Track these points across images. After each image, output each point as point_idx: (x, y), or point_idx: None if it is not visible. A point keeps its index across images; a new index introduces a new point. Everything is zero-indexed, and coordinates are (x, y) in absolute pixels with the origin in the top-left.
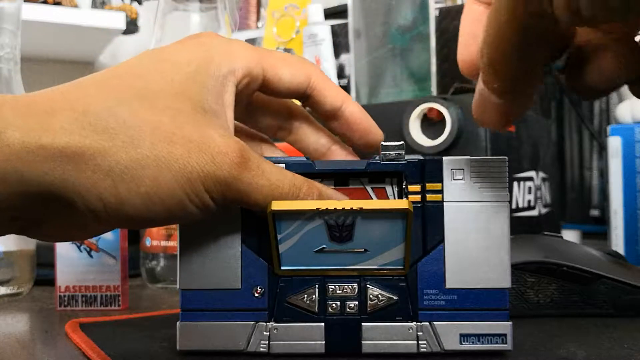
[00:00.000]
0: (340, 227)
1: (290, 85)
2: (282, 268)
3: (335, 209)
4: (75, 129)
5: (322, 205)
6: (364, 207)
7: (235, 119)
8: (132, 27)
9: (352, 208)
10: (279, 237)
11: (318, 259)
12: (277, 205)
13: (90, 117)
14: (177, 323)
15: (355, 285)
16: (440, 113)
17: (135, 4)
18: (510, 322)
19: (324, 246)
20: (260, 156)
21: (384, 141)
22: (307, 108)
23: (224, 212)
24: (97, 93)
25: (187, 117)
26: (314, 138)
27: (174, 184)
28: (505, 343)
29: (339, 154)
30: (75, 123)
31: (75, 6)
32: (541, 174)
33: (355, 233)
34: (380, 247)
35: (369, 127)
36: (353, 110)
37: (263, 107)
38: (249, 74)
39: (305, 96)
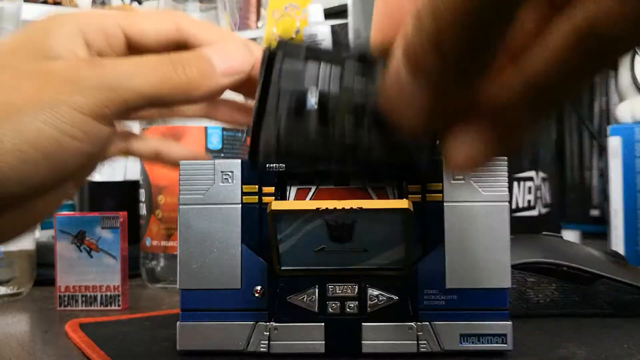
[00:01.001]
0: (340, 227)
1: (158, 37)
2: (282, 268)
3: (335, 208)
4: None
5: (322, 205)
6: (364, 207)
7: None
8: None
9: (352, 208)
10: (279, 237)
11: (318, 259)
12: (277, 206)
13: None
14: (177, 323)
15: (355, 285)
16: None
17: (135, 4)
18: (510, 322)
19: (324, 246)
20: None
21: None
22: None
23: (223, 212)
24: None
25: (26, 61)
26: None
27: (38, 125)
28: (505, 343)
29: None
30: None
31: (75, 6)
32: (541, 174)
33: (355, 233)
34: (380, 247)
35: (260, 56)
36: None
37: None
38: (103, 33)
39: (182, 45)
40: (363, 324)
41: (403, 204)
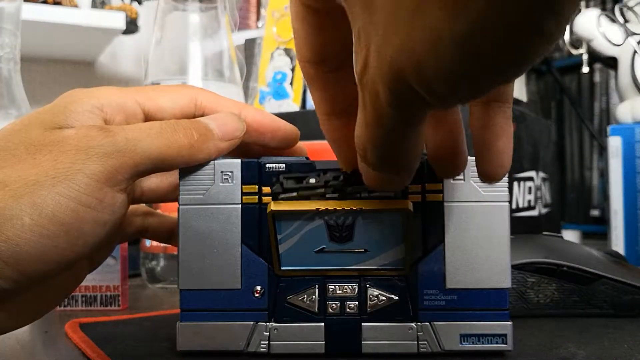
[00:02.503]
0: (340, 227)
1: (175, 112)
2: (282, 268)
3: (335, 209)
4: None
5: (322, 205)
6: (364, 207)
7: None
8: (132, 27)
9: (352, 208)
10: (279, 237)
11: (318, 259)
12: (277, 206)
13: None
14: (177, 323)
15: (355, 285)
16: None
17: (135, 4)
18: (510, 322)
19: (324, 246)
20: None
21: None
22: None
23: (223, 212)
24: None
25: (41, 136)
26: None
27: (54, 196)
28: (506, 343)
29: None
30: None
31: (75, 6)
32: (541, 174)
33: (355, 233)
34: (381, 247)
35: (276, 126)
36: (254, 115)
37: None
38: (122, 110)
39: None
40: (363, 324)
41: (403, 204)
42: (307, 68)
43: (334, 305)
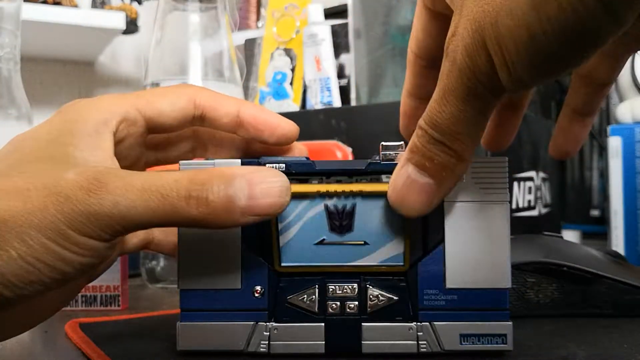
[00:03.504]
0: (340, 215)
1: (175, 114)
2: (282, 264)
3: (335, 191)
4: None
5: (323, 188)
6: (364, 190)
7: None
8: (132, 27)
9: (352, 190)
10: (279, 226)
11: (318, 254)
12: None
13: None
14: (177, 323)
15: (355, 285)
16: None
17: (135, 4)
18: (510, 322)
19: (324, 237)
20: (130, 172)
21: (384, 141)
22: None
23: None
24: None
25: (43, 174)
26: (227, 148)
27: (42, 239)
28: (506, 343)
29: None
30: None
31: (75, 6)
32: (541, 174)
33: (355, 223)
34: (380, 239)
35: (275, 122)
36: (252, 112)
37: (164, 141)
38: (124, 119)
39: (198, 118)
40: (363, 324)
41: None
42: (410, 55)
43: (334, 305)
